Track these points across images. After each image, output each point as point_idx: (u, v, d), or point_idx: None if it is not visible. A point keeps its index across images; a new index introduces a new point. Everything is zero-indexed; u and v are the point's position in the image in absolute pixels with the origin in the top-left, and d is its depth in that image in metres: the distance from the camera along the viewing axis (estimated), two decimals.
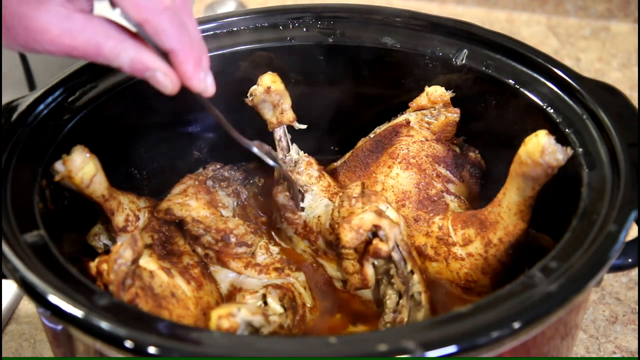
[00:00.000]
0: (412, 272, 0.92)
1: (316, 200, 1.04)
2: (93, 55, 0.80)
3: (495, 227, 0.93)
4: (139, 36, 0.80)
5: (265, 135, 1.06)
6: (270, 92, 1.03)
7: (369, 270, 0.92)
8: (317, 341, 0.72)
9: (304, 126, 1.08)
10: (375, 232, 0.90)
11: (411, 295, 0.91)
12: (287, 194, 1.04)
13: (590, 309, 1.12)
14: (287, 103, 1.05)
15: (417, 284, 0.91)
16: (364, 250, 0.92)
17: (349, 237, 0.90)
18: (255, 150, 0.96)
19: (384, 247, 0.90)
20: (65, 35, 0.77)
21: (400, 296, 0.92)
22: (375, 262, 0.93)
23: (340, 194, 0.99)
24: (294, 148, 1.08)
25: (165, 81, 0.82)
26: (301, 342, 0.76)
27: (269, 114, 1.06)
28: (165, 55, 0.81)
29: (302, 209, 1.04)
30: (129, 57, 0.80)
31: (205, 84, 0.85)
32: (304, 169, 1.06)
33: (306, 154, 1.08)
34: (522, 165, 0.87)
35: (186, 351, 0.69)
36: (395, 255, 0.91)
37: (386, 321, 0.92)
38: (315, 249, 1.03)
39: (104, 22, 0.80)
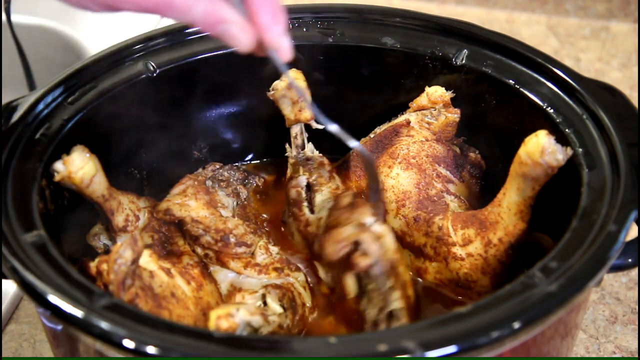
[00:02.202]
0: (392, 288, 0.90)
1: (325, 202, 1.03)
2: (165, 7, 0.76)
3: (495, 227, 0.93)
4: None
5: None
6: (291, 88, 1.03)
7: (349, 283, 0.91)
8: (317, 341, 0.72)
9: (321, 126, 1.07)
10: (356, 247, 0.90)
11: (390, 311, 0.90)
12: (299, 189, 1.04)
13: (590, 309, 1.12)
14: (307, 101, 1.04)
15: (396, 301, 0.90)
16: (347, 261, 0.91)
17: (329, 249, 0.90)
18: (334, 128, 0.90)
19: (362, 262, 0.89)
20: None
21: (379, 311, 0.91)
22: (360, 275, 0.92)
23: (333, 203, 0.99)
24: (309, 147, 1.09)
25: (241, 35, 0.77)
26: (301, 342, 0.76)
27: (287, 110, 1.07)
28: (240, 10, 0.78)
29: (312, 210, 1.04)
30: (202, 8, 0.76)
31: (281, 41, 0.79)
32: (317, 168, 1.06)
33: (320, 154, 1.08)
34: (522, 165, 0.87)
35: (186, 351, 0.69)
36: (375, 271, 0.90)
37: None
38: (310, 251, 1.03)
39: None
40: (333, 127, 0.89)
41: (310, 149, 1.09)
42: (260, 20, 0.78)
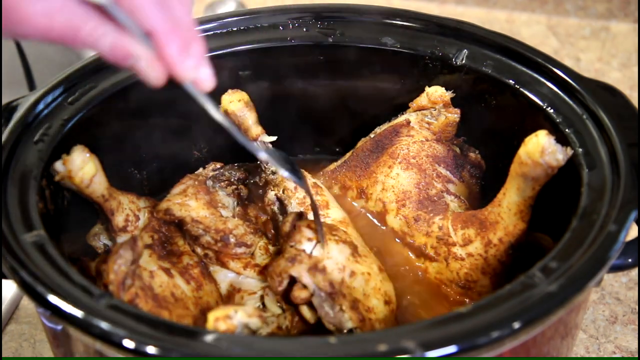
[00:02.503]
0: (340, 310, 0.88)
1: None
2: (70, 38, 0.72)
3: (495, 227, 0.93)
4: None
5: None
6: (230, 114, 1.04)
7: (304, 312, 0.90)
8: (317, 341, 0.72)
9: (272, 138, 1.07)
10: (294, 279, 0.88)
11: (349, 330, 0.89)
12: (272, 205, 1.04)
13: (590, 309, 1.12)
14: (251, 119, 1.05)
15: (348, 322, 0.88)
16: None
17: (271, 284, 0.90)
18: (263, 155, 0.86)
19: (300, 296, 0.88)
20: (41, 15, 0.71)
21: (339, 331, 0.89)
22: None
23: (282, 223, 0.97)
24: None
25: (148, 70, 0.73)
26: (301, 342, 0.76)
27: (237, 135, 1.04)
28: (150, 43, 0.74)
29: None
30: (109, 41, 0.72)
31: (195, 74, 0.74)
32: (281, 180, 1.05)
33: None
34: (522, 165, 0.87)
35: (186, 351, 0.69)
36: (316, 301, 0.88)
37: None
38: None
39: (82, 4, 0.72)
40: (262, 156, 0.86)
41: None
42: (167, 54, 0.72)
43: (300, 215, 0.96)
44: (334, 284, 0.89)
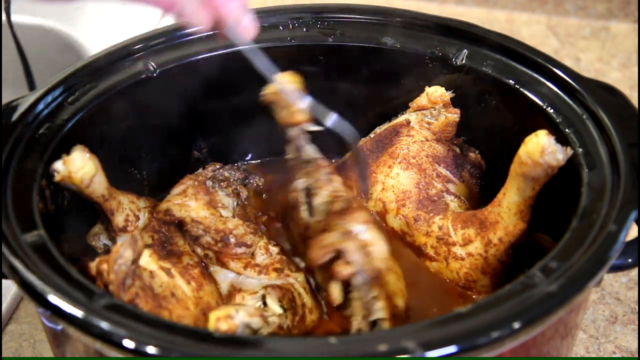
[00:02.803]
0: (375, 298, 0.89)
1: (323, 205, 1.03)
2: None
3: (495, 227, 0.93)
4: None
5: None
6: (284, 91, 1.03)
7: (334, 290, 0.91)
8: (317, 341, 0.73)
9: (315, 128, 1.05)
10: (338, 255, 0.89)
11: (374, 321, 0.90)
12: (298, 192, 1.04)
13: (590, 309, 1.12)
14: (301, 103, 1.03)
15: (379, 311, 0.89)
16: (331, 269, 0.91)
17: (312, 254, 0.90)
18: (332, 121, 0.89)
19: (342, 271, 0.88)
20: None
21: (363, 319, 0.90)
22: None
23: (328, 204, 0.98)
24: (310, 149, 1.06)
25: (194, 15, 0.79)
26: (301, 342, 0.76)
27: (280, 114, 1.05)
28: None
29: (311, 213, 1.03)
30: None
31: (239, 16, 0.79)
32: (315, 170, 1.04)
33: (321, 156, 1.07)
34: (522, 165, 0.87)
35: (186, 351, 0.69)
36: (357, 280, 0.89)
37: None
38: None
39: None
40: (331, 121, 0.88)
41: (311, 151, 1.08)
42: None
43: (353, 200, 0.97)
44: (375, 271, 0.90)
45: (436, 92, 1.08)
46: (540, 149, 0.84)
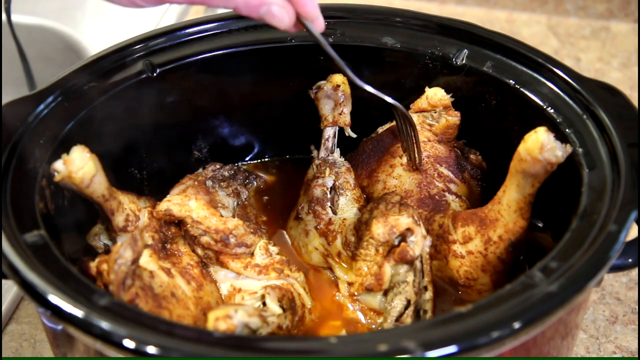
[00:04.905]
0: (426, 288, 0.91)
1: (348, 205, 1.04)
2: None
3: (495, 225, 0.93)
4: None
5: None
6: (337, 90, 1.06)
7: (387, 271, 0.91)
8: (317, 341, 0.72)
9: (354, 135, 1.10)
10: (403, 238, 0.90)
11: (418, 310, 0.90)
12: (325, 188, 1.05)
13: (590, 309, 1.12)
14: (348, 106, 1.07)
15: (428, 301, 0.90)
16: (388, 252, 0.92)
17: (380, 230, 0.90)
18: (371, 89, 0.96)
19: (411, 251, 0.89)
20: None
21: (406, 307, 0.91)
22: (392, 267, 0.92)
23: (378, 198, 1.00)
24: (337, 152, 1.09)
25: (282, 14, 0.85)
26: (301, 341, 0.76)
27: (327, 111, 1.08)
28: None
29: (335, 211, 1.04)
30: None
31: (317, 12, 0.88)
32: (344, 173, 1.06)
33: (347, 162, 1.09)
34: (521, 162, 0.87)
35: (186, 351, 0.69)
36: (418, 265, 0.91)
37: (384, 328, 0.91)
38: (328, 248, 1.02)
39: None
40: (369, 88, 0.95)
41: (338, 154, 1.09)
42: None
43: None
44: (429, 263, 0.92)
45: (435, 95, 1.08)
46: (539, 145, 0.84)
